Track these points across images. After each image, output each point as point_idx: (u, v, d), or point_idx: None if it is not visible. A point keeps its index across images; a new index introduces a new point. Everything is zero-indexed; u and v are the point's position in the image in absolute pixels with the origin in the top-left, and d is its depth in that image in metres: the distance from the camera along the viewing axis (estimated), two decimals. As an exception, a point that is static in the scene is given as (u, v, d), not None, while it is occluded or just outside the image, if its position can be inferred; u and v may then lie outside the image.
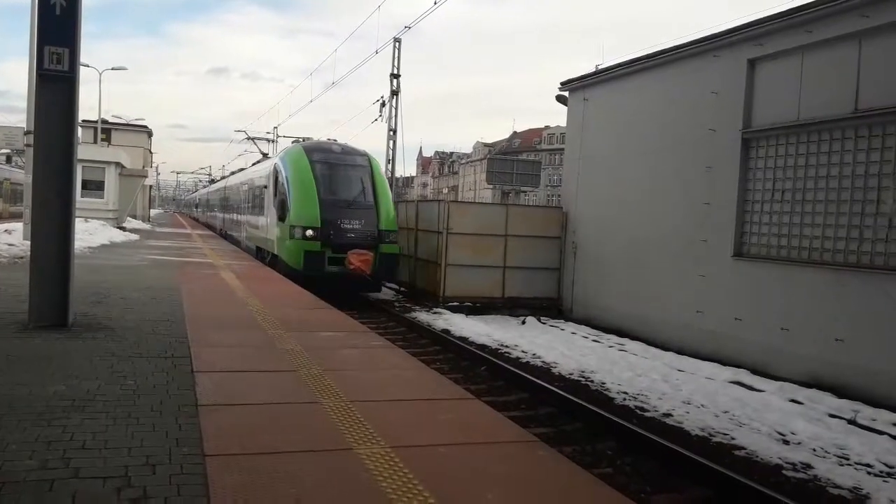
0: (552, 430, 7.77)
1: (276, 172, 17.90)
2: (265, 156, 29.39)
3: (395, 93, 28.75)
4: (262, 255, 19.94)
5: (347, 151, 17.74)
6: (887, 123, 9.72)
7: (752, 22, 11.77)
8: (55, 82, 7.31)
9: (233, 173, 38.36)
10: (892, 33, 9.63)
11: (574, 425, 8.03)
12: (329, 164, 16.95)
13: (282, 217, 16.54)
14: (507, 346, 12.67)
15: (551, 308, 17.03)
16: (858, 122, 10.09)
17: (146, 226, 39.76)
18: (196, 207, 71.16)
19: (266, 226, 19.14)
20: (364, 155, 17.68)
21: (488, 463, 4.04)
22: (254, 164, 28.37)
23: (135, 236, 26.53)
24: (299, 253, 15.48)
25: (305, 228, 15.61)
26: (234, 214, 29.48)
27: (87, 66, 39.43)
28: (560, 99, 17.93)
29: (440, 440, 4.40)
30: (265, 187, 19.60)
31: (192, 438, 4.13)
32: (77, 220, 8.44)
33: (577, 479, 3.95)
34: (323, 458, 3.95)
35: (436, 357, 11.32)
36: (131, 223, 35.16)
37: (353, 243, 15.67)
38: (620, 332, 14.41)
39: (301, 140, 19.64)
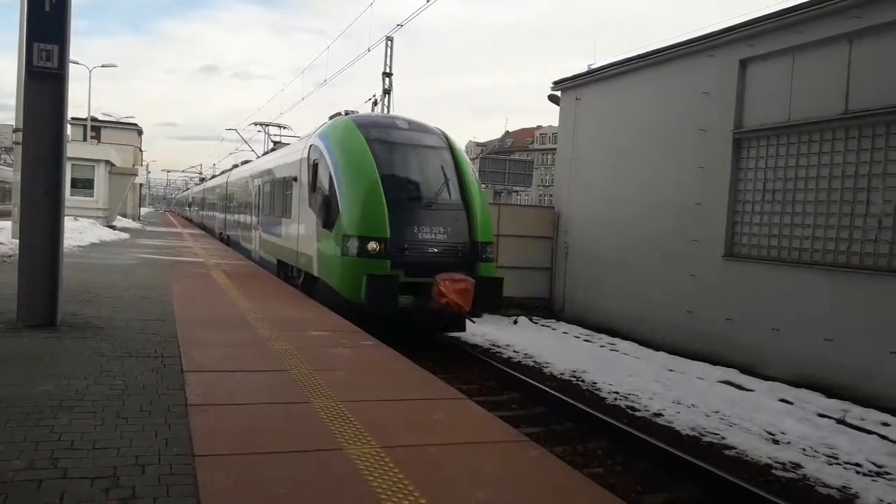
0: (543, 429, 7.77)
1: (313, 158, 12.37)
2: (276, 145, 22.82)
3: (387, 91, 28.69)
4: (286, 272, 14.76)
5: (417, 127, 12.33)
6: (877, 124, 9.77)
7: (743, 23, 11.82)
8: (44, 79, 7.25)
9: (235, 166, 30.88)
10: (883, 34, 9.69)
11: (565, 425, 8.04)
12: (394, 146, 11.60)
13: (326, 222, 11.28)
14: (498, 346, 12.68)
15: (543, 308, 17.05)
16: (849, 123, 10.15)
17: (136, 224, 39.56)
18: (189, 206, 62.58)
19: (296, 234, 13.49)
20: (439, 133, 12.40)
21: (479, 463, 4.03)
22: (267, 154, 22.00)
23: (125, 235, 26.38)
24: (358, 277, 10.21)
25: (366, 240, 10.32)
26: (242, 216, 23.01)
27: (77, 64, 39.23)
28: (552, 98, 17.95)
29: (431, 440, 4.39)
30: (293, 180, 13.94)
31: (181, 439, 4.10)
32: (66, 218, 8.38)
33: (568, 479, 3.95)
34: (313, 459, 3.94)
35: (426, 356, 11.30)
36: (121, 222, 35.00)
37: (437, 262, 10.61)
38: (612, 332, 14.44)
39: (343, 113, 13.46)
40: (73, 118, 40.71)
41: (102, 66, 42.46)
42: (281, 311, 9.32)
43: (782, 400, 9.56)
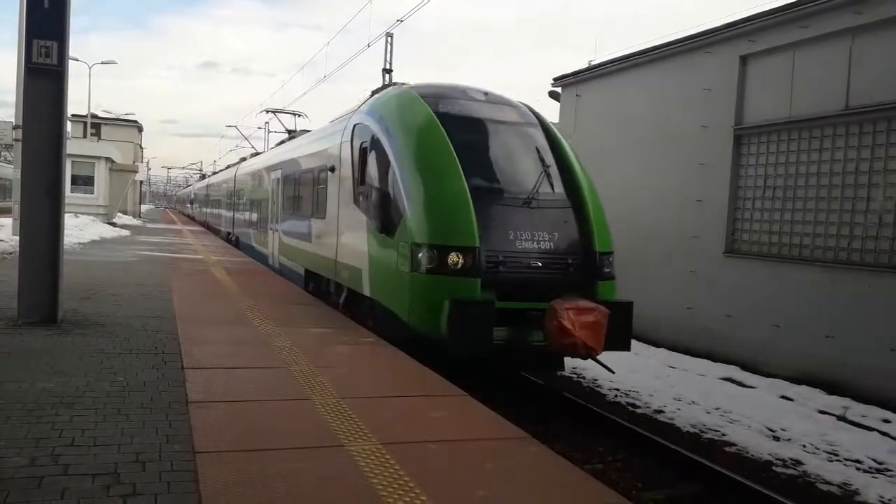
0: (543, 427, 7.78)
1: (360, 142, 9.52)
2: (292, 134, 19.76)
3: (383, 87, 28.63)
4: (318, 285, 11.94)
5: (496, 99, 9.45)
6: (878, 120, 9.76)
7: (744, 18, 11.79)
8: (44, 76, 7.25)
9: (244, 159, 27.82)
10: (884, 30, 9.67)
11: (563, 421, 8.05)
12: (472, 123, 8.76)
13: (384, 225, 8.37)
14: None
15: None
16: (849, 119, 10.13)
17: (137, 221, 39.56)
18: (192, 203, 58.36)
19: (334, 239, 10.54)
20: (524, 107, 9.62)
21: (480, 459, 4.04)
22: (285, 142, 18.48)
23: (125, 232, 26.40)
24: (435, 302, 7.25)
25: (446, 250, 7.39)
26: (255, 214, 19.76)
27: (77, 60, 39.20)
28: (553, 95, 17.92)
29: (432, 437, 4.40)
30: (328, 170, 10.98)
31: (182, 435, 4.11)
32: (67, 215, 8.39)
33: (568, 476, 3.95)
34: (313, 455, 3.94)
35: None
36: (122, 219, 35.01)
37: (541, 281, 7.74)
38: (612, 329, 14.40)
39: (391, 84, 11.08)
40: (73, 115, 40.67)
41: (102, 63, 42.60)
42: (281, 309, 9.32)
43: (783, 397, 9.57)
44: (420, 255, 7.49)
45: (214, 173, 44.70)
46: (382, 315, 8.45)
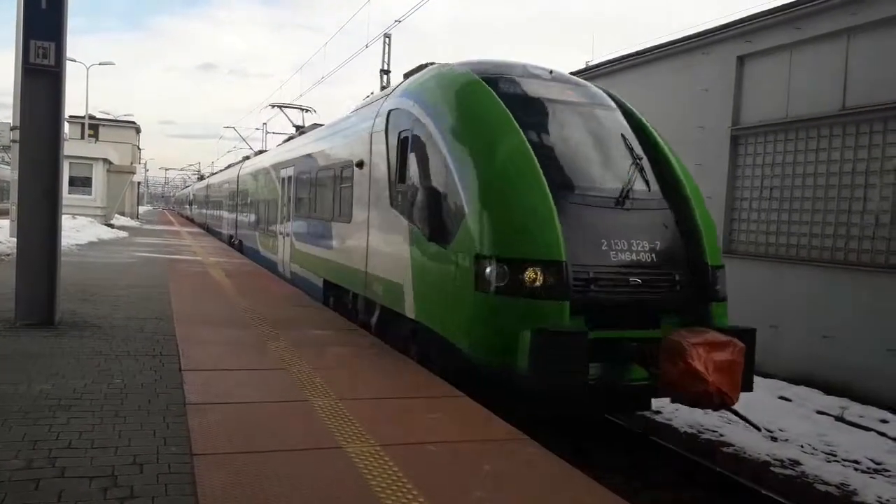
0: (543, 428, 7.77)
1: (399, 130, 7.94)
2: (300, 130, 17.74)
3: (384, 88, 28.67)
4: (340, 298, 10.36)
5: (563, 78, 7.94)
6: (874, 121, 9.77)
7: (741, 19, 11.81)
8: (41, 77, 7.25)
9: (247, 158, 25.96)
10: (880, 30, 9.69)
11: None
12: (543, 106, 7.19)
13: (435, 232, 6.73)
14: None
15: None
16: (846, 120, 10.14)
17: (134, 223, 39.54)
18: (191, 205, 56.07)
19: (363, 246, 8.84)
20: (596, 88, 8.11)
21: (478, 460, 4.04)
22: (294, 138, 16.87)
23: (123, 233, 26.39)
24: (511, 332, 5.71)
25: (522, 264, 5.84)
26: (261, 217, 17.95)
27: (74, 61, 39.12)
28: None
29: (430, 438, 4.39)
30: (357, 166, 9.29)
31: (179, 437, 4.10)
32: (64, 216, 8.37)
33: (567, 477, 3.95)
34: (312, 457, 3.94)
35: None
36: (119, 220, 34.98)
37: (641, 303, 6.19)
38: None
39: (428, 65, 8.75)
40: (70, 116, 40.62)
41: (100, 64, 42.54)
42: (280, 310, 9.31)
43: (781, 397, 9.57)
44: (487, 270, 5.84)
45: (214, 173, 42.76)
46: (431, 342, 6.81)
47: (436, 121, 7.03)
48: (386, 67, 28.60)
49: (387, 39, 28.11)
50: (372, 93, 12.42)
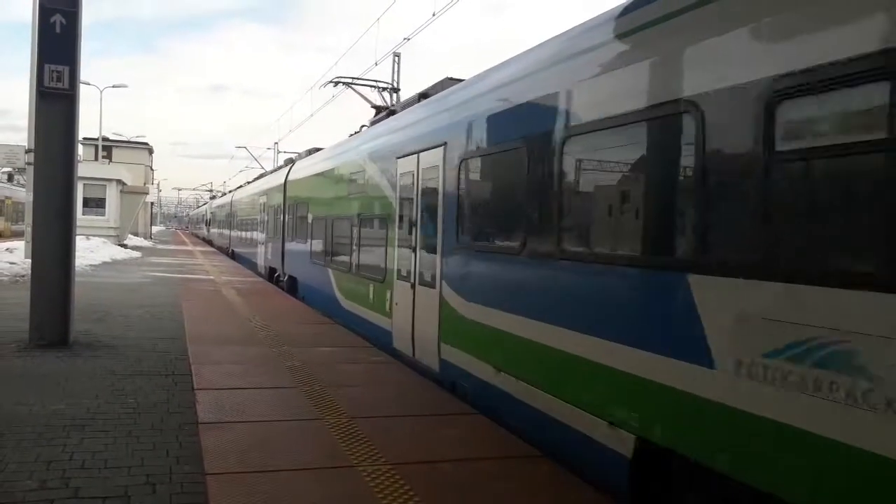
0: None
1: None
2: (378, 111, 13.55)
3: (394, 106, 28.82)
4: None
5: None
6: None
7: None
8: (55, 100, 7.34)
9: (290, 162, 19.09)
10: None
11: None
12: None
13: None
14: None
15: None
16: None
17: (148, 243, 39.79)
18: (208, 224, 49.42)
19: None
20: None
21: (492, 479, 3.99)
22: (377, 122, 11.09)
23: (136, 254, 26.55)
24: None
25: None
26: (337, 242, 11.15)
27: (88, 84, 39.55)
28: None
29: (443, 456, 4.36)
30: None
31: (192, 456, 4.09)
32: (78, 237, 8.44)
33: (582, 496, 3.90)
34: (325, 476, 3.91)
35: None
36: (133, 240, 35.21)
37: None
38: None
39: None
40: (84, 138, 41.11)
41: (113, 87, 42.98)
42: (291, 328, 9.30)
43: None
44: None
45: (241, 186, 35.37)
46: None
47: None
48: (396, 85, 28.74)
49: (396, 58, 28.29)
50: None
